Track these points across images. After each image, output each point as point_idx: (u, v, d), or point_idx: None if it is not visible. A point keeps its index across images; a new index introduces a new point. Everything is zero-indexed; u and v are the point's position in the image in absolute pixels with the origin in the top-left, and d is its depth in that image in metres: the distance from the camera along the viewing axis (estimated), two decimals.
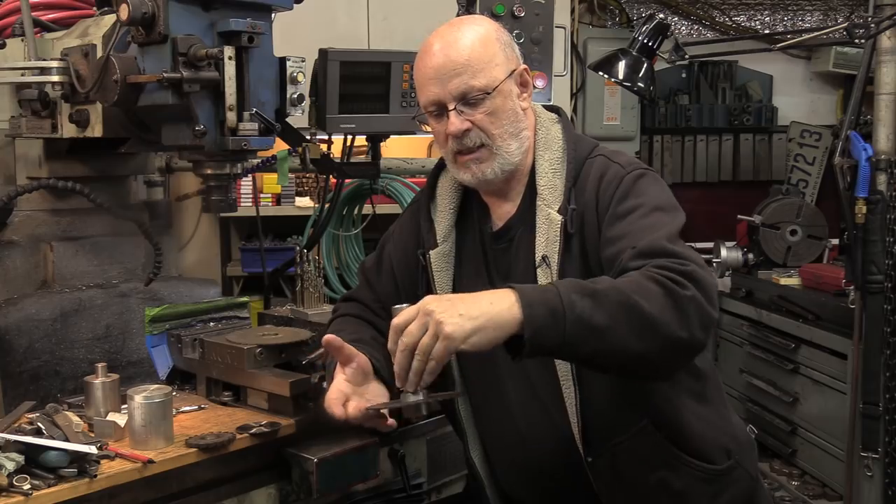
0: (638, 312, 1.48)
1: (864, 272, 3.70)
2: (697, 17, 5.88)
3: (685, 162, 5.91)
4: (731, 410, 1.96)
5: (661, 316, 1.49)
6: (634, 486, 1.79)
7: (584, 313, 1.47)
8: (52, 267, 2.38)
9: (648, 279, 1.53)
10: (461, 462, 2.17)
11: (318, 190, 4.63)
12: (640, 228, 1.67)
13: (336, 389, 1.75)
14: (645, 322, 1.49)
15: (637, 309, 1.48)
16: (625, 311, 1.48)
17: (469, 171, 1.83)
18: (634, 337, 1.49)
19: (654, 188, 1.77)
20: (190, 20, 1.92)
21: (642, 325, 1.49)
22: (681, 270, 1.54)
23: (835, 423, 4.06)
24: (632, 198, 1.73)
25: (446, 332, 1.47)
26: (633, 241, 1.64)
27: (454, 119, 1.78)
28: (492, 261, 1.91)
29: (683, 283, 1.52)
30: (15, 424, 1.80)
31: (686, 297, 1.51)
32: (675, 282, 1.52)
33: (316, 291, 2.38)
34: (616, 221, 1.72)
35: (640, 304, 1.48)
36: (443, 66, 1.77)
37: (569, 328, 1.47)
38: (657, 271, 1.54)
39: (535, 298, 1.48)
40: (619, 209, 1.73)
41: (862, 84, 3.86)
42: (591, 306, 1.48)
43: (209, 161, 2.07)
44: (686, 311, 1.51)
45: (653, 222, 1.68)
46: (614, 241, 1.69)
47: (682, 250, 1.61)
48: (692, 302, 1.52)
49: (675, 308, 1.50)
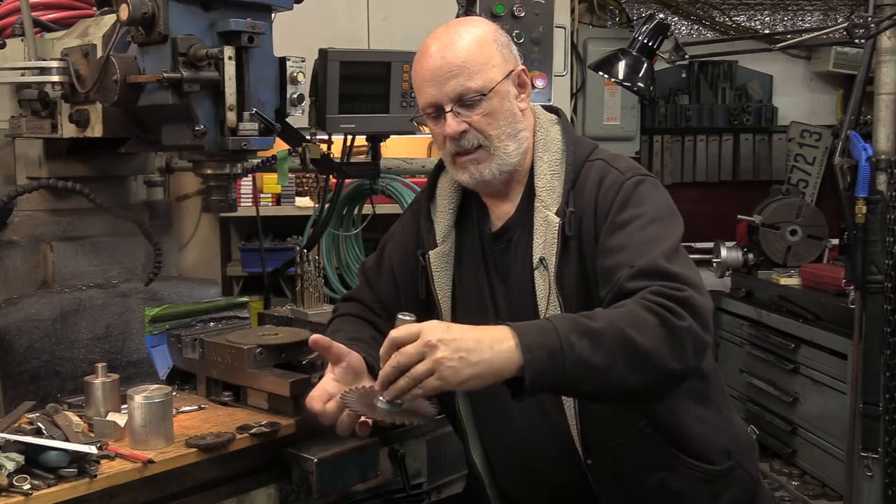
0: (634, 348, 1.50)
1: (864, 272, 3.70)
2: (697, 17, 5.88)
3: (685, 162, 5.91)
4: (732, 410, 1.96)
5: (656, 350, 1.51)
6: (634, 487, 1.79)
7: (583, 354, 1.49)
8: (52, 267, 2.38)
9: (644, 309, 1.54)
10: (461, 462, 2.17)
11: (318, 190, 4.63)
12: (638, 242, 1.67)
13: (320, 388, 1.76)
14: (642, 357, 1.51)
15: (633, 345, 1.50)
16: (622, 348, 1.50)
17: (467, 172, 1.83)
18: (631, 372, 1.52)
19: (653, 196, 1.76)
20: (190, 20, 1.92)
21: (639, 360, 1.51)
22: (677, 298, 1.55)
23: (835, 423, 4.06)
24: (631, 207, 1.73)
25: (443, 374, 1.48)
26: (631, 256, 1.65)
27: (451, 121, 1.78)
28: (491, 261, 1.90)
29: (679, 312, 1.54)
30: (15, 424, 1.80)
31: (681, 329, 1.53)
32: (671, 311, 1.53)
33: (316, 291, 2.38)
34: (614, 232, 1.71)
35: (636, 340, 1.50)
36: (439, 68, 1.77)
37: (568, 369, 1.49)
38: (653, 300, 1.55)
39: (534, 342, 1.50)
40: (617, 219, 1.72)
41: (862, 84, 3.86)
42: (589, 347, 1.50)
43: (209, 161, 2.07)
44: (681, 342, 1.53)
45: (651, 236, 1.68)
46: (611, 252, 1.69)
47: (679, 270, 1.61)
48: (688, 332, 1.54)
49: (670, 340, 1.52)
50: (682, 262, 1.65)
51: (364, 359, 1.82)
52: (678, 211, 1.78)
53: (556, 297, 1.74)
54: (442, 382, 1.49)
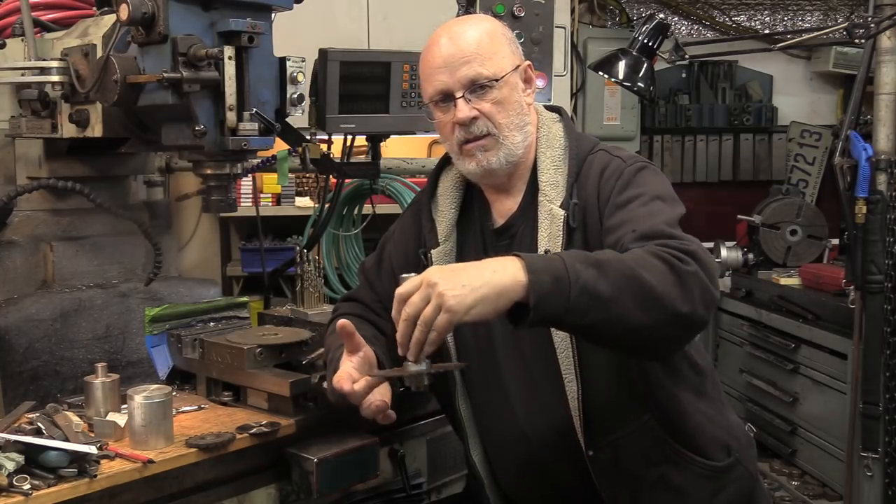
0: (642, 284, 1.49)
1: (864, 272, 3.70)
2: (697, 17, 5.88)
3: (685, 162, 5.91)
4: (729, 409, 1.97)
5: (664, 289, 1.50)
6: (635, 480, 1.80)
7: (588, 282, 1.48)
8: (52, 267, 2.38)
9: (651, 255, 1.54)
10: (461, 462, 2.17)
11: (318, 190, 4.63)
12: (640, 215, 1.69)
13: (344, 371, 1.75)
14: (648, 294, 1.49)
15: (641, 281, 1.49)
16: (629, 283, 1.49)
17: (474, 159, 1.83)
18: (638, 308, 1.49)
19: (654, 179, 1.79)
20: (190, 20, 1.92)
21: (646, 297, 1.49)
22: (683, 248, 1.57)
23: (835, 423, 4.06)
24: (632, 188, 1.75)
25: (448, 305, 1.47)
26: (633, 226, 1.66)
27: (462, 106, 1.79)
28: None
29: (686, 259, 1.54)
30: (15, 424, 1.80)
31: (689, 273, 1.53)
32: (678, 258, 1.54)
33: (316, 291, 2.38)
34: (616, 210, 1.74)
35: (644, 277, 1.50)
36: (452, 54, 1.80)
37: (573, 296, 1.47)
38: (659, 249, 1.56)
39: (540, 266, 1.49)
40: (619, 199, 1.75)
41: (862, 84, 3.86)
42: (595, 276, 1.48)
43: (209, 161, 2.07)
44: (689, 285, 1.52)
45: (653, 209, 1.70)
46: (614, 228, 1.71)
47: (682, 235, 1.63)
48: (695, 277, 1.53)
49: (678, 283, 1.52)
50: (684, 233, 1.66)
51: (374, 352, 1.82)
52: (679, 198, 1.79)
53: None
54: (450, 315, 1.47)
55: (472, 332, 1.91)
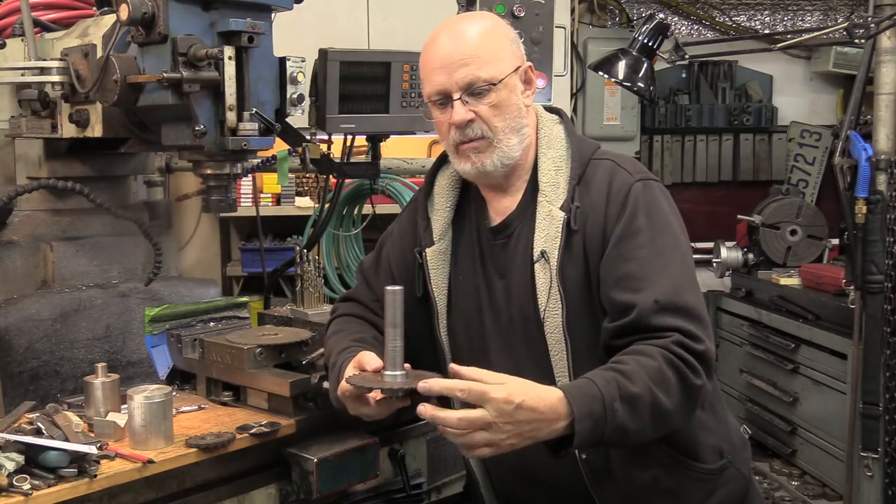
0: (661, 411, 1.61)
1: (864, 272, 3.70)
2: (697, 17, 5.88)
3: (685, 162, 5.91)
4: (726, 410, 1.96)
5: (675, 410, 1.63)
6: (628, 483, 1.80)
7: (622, 422, 1.58)
8: (52, 267, 2.38)
9: (669, 365, 1.62)
10: (461, 462, 2.17)
11: (318, 190, 4.64)
12: (654, 269, 1.71)
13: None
14: (662, 415, 1.62)
15: (660, 408, 1.61)
16: (651, 412, 1.60)
17: (469, 160, 1.83)
18: (651, 427, 1.63)
19: (661, 202, 1.80)
20: (190, 20, 1.92)
21: (659, 418, 1.62)
22: (697, 353, 1.64)
23: (835, 423, 4.06)
24: (641, 215, 1.75)
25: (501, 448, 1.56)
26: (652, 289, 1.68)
27: (459, 108, 1.79)
28: (489, 257, 1.90)
29: (698, 369, 1.64)
30: (15, 424, 1.80)
31: (696, 388, 1.64)
32: (693, 369, 1.63)
33: (316, 291, 2.38)
34: (624, 240, 1.73)
35: (661, 400, 1.60)
36: (450, 55, 1.78)
37: (607, 434, 1.58)
38: (677, 357, 1.62)
39: (584, 412, 1.55)
40: (628, 226, 1.75)
41: (862, 84, 3.86)
42: (628, 416, 1.58)
43: (209, 161, 2.08)
44: (693, 399, 1.66)
45: (667, 261, 1.73)
46: (627, 280, 1.71)
47: (694, 304, 1.69)
48: (700, 391, 1.66)
49: (686, 399, 1.64)
50: (694, 288, 1.73)
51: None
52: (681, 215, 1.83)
53: (558, 290, 1.75)
54: (495, 450, 1.57)
55: (466, 333, 1.91)
